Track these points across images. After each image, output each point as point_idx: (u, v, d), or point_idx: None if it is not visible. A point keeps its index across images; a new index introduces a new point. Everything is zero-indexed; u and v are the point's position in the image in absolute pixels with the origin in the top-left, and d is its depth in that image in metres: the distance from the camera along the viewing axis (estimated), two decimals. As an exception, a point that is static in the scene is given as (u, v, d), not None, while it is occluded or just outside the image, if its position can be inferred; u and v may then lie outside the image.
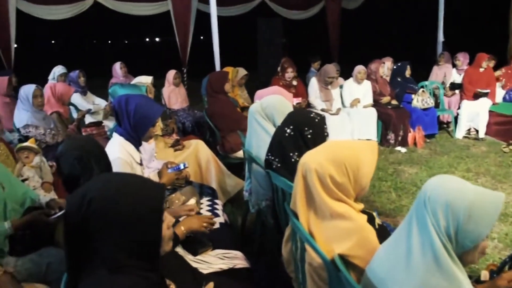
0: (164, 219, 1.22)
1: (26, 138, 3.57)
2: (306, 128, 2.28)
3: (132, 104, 2.41)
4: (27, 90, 3.82)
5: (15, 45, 7.08)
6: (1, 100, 4.71)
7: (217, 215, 2.57)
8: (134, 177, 1.22)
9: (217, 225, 2.51)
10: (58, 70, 6.02)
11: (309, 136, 2.27)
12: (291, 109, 2.84)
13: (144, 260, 1.20)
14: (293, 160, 2.28)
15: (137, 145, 2.52)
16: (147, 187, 1.19)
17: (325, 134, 2.33)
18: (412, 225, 1.31)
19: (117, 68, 6.30)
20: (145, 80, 4.31)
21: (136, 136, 2.48)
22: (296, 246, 1.87)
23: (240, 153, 4.20)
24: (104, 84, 7.08)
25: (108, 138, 4.66)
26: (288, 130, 2.32)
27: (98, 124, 4.89)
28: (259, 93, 3.60)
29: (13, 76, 5.50)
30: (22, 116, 3.80)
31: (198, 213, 2.37)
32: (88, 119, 5.20)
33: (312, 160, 1.72)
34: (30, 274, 2.18)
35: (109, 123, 5.17)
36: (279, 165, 2.35)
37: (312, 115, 2.33)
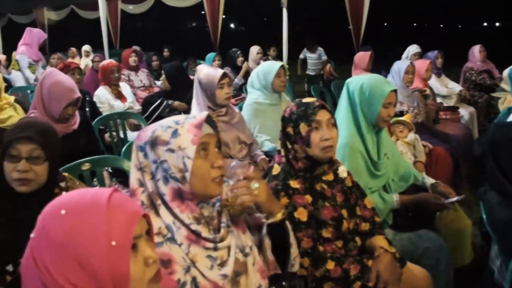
0: None
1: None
2: None
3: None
4: (400, 65, 3.85)
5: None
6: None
7: None
8: None
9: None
10: (413, 49, 5.96)
11: None
12: None
13: None
14: None
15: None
16: None
17: None
18: None
19: (476, 51, 5.73)
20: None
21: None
22: None
23: None
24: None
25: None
26: None
27: (453, 109, 4.64)
28: None
29: (372, 52, 5.75)
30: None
31: None
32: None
33: None
34: (404, 252, 2.13)
35: (463, 111, 4.82)
36: None
37: None
